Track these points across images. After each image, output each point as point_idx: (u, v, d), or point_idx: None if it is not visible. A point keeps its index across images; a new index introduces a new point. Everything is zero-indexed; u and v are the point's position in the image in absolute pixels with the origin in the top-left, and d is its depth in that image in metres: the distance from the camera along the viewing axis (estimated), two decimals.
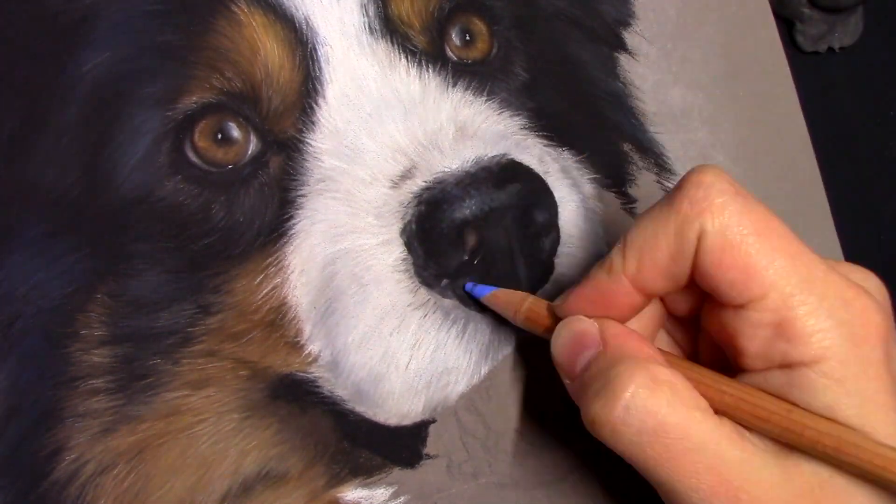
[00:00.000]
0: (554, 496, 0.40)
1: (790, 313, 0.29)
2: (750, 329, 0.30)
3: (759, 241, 0.30)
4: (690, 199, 0.30)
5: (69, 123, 0.35)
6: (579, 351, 0.32)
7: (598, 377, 0.31)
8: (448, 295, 0.36)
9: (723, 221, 0.30)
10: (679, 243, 0.30)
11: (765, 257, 0.29)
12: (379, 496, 0.38)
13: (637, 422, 0.29)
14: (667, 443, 0.29)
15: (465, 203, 0.34)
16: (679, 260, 0.31)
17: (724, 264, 0.30)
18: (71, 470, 0.35)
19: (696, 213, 0.30)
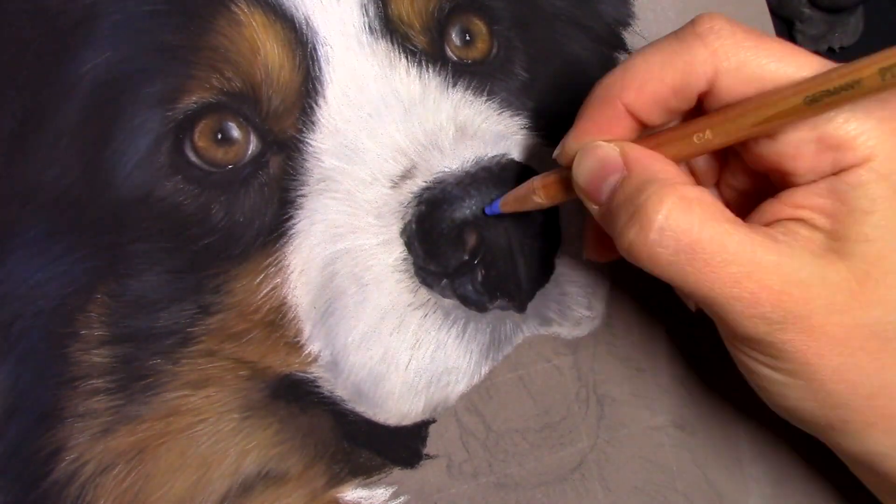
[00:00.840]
0: (554, 496, 0.40)
1: (830, 123, 0.30)
2: (793, 149, 0.31)
3: (779, 64, 0.30)
4: (702, 38, 0.31)
5: (69, 123, 0.35)
6: (603, 177, 0.32)
7: (627, 203, 0.31)
8: (448, 295, 0.36)
9: (739, 59, 0.30)
10: (685, 80, 0.31)
11: (788, 78, 0.30)
12: (379, 496, 0.38)
13: (673, 242, 0.29)
14: (704, 257, 0.29)
15: (465, 203, 0.34)
16: (681, 96, 0.32)
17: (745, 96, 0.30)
18: (71, 470, 0.35)
19: (709, 52, 0.31)
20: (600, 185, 0.32)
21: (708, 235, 0.29)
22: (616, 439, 0.41)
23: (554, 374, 0.40)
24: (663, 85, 0.32)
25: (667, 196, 0.30)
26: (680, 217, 0.29)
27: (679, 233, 0.29)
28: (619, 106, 0.33)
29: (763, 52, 0.30)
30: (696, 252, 0.29)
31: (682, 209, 0.29)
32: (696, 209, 0.30)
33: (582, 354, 0.41)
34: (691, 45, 0.31)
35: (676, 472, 0.42)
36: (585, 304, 0.40)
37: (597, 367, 0.41)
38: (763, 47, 0.31)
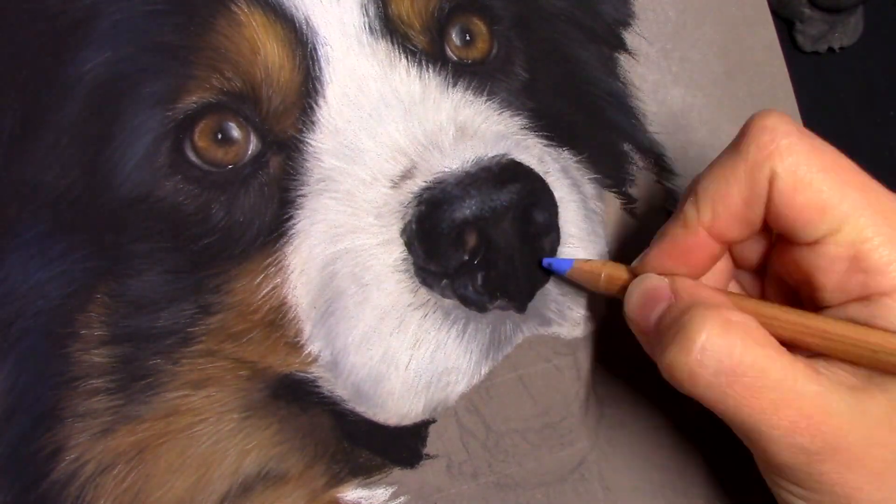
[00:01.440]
0: (554, 496, 0.40)
1: (865, 245, 0.30)
2: (826, 263, 0.31)
3: (829, 176, 0.30)
4: (758, 143, 0.31)
5: (69, 123, 0.35)
6: (652, 306, 0.33)
7: (671, 326, 0.31)
8: (448, 295, 0.36)
9: (792, 161, 0.30)
10: (751, 188, 0.31)
11: (837, 192, 0.30)
12: (379, 496, 0.38)
13: (714, 363, 0.29)
14: (745, 382, 0.29)
15: (465, 203, 0.34)
16: (753, 204, 0.32)
17: (798, 203, 0.30)
18: (71, 470, 0.35)
19: (764, 156, 0.31)
20: (649, 313, 0.33)
21: (750, 360, 0.29)
22: (616, 439, 0.41)
23: (554, 374, 0.40)
24: (734, 200, 0.32)
25: (710, 318, 0.30)
26: (722, 339, 0.30)
27: (721, 355, 0.29)
28: (701, 231, 0.33)
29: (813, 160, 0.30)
30: (736, 375, 0.29)
31: (725, 331, 0.30)
32: (739, 332, 0.30)
33: (582, 354, 0.41)
34: (748, 150, 0.31)
35: (676, 472, 0.42)
36: (585, 304, 0.40)
37: (597, 368, 0.41)
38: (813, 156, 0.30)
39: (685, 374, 0.30)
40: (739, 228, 0.33)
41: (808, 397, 0.29)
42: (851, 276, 0.30)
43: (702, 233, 0.33)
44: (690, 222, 0.33)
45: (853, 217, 0.30)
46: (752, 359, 0.29)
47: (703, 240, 0.33)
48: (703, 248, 0.33)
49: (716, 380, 0.30)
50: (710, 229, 0.33)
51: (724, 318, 0.30)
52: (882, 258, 0.30)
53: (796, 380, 0.29)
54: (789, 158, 0.30)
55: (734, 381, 0.29)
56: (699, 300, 0.31)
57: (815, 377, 0.30)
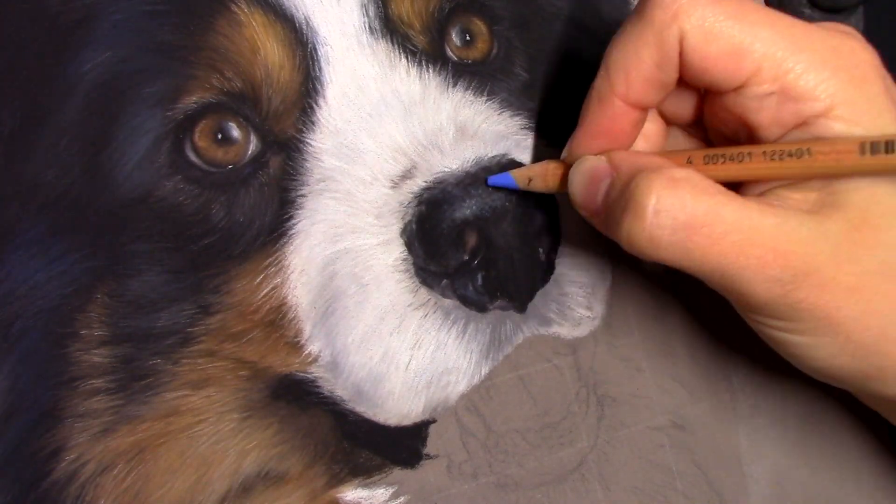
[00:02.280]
0: (554, 496, 0.40)
1: (789, 76, 0.30)
2: (756, 104, 0.31)
3: (737, 22, 0.31)
4: (661, 5, 0.31)
5: (69, 123, 0.35)
6: (596, 185, 0.33)
7: (619, 199, 0.31)
8: (448, 295, 0.36)
9: (698, 15, 0.31)
10: (661, 49, 0.32)
11: (748, 34, 0.31)
12: (379, 496, 0.38)
13: (669, 221, 0.30)
14: (703, 231, 0.29)
15: (465, 203, 0.34)
16: (664, 65, 0.32)
17: (712, 54, 0.31)
18: (71, 470, 0.35)
19: (670, 16, 0.31)
20: (594, 193, 0.33)
21: (703, 209, 0.30)
22: (616, 439, 0.41)
23: (554, 374, 0.40)
24: (645, 65, 0.32)
25: (654, 180, 0.30)
26: (672, 197, 0.30)
27: (674, 212, 0.30)
28: (616, 102, 0.33)
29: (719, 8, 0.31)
30: (694, 227, 0.30)
31: (672, 188, 0.30)
32: (686, 187, 0.30)
33: (582, 354, 0.41)
34: (654, 12, 0.31)
35: (676, 472, 0.42)
36: (585, 304, 0.40)
37: (597, 367, 0.41)
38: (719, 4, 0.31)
39: (645, 239, 0.30)
40: (654, 91, 0.33)
41: (769, 230, 0.30)
42: (783, 107, 0.31)
43: (618, 103, 0.33)
44: (604, 95, 0.33)
45: (770, 53, 0.30)
46: (705, 208, 0.29)
47: (621, 110, 0.33)
48: (622, 118, 0.33)
49: (675, 237, 0.30)
50: (625, 98, 0.33)
51: (668, 176, 0.30)
52: (809, 83, 0.30)
53: (752, 217, 0.30)
54: (695, 13, 0.31)
55: (693, 234, 0.30)
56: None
57: (771, 210, 0.30)
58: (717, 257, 0.30)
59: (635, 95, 0.33)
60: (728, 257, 0.30)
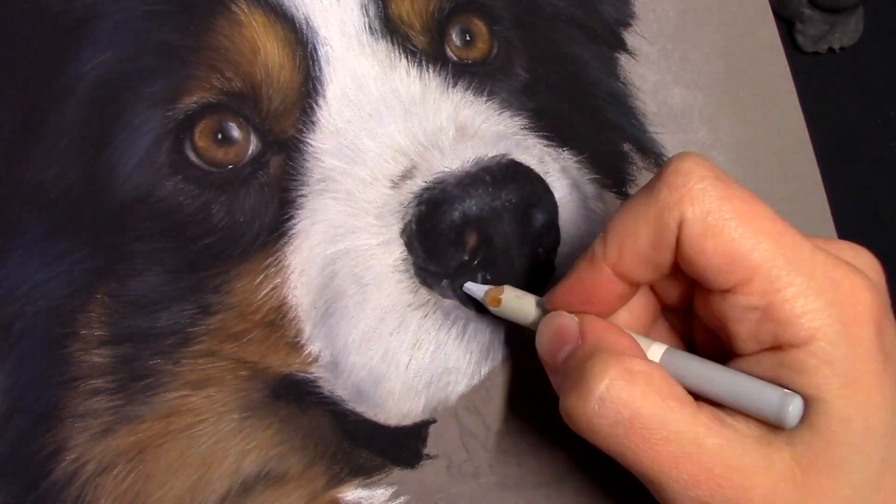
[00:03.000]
0: (554, 496, 0.40)
1: (777, 296, 0.29)
2: (738, 313, 0.30)
3: (741, 224, 0.29)
4: (669, 186, 0.30)
5: (69, 123, 0.35)
6: (560, 345, 0.32)
7: (574, 370, 0.31)
8: (448, 295, 0.36)
9: (703, 208, 0.29)
10: (659, 231, 0.30)
11: (748, 240, 0.29)
12: (379, 496, 0.38)
13: (612, 413, 0.29)
14: (643, 434, 0.29)
15: (465, 203, 0.34)
16: (660, 248, 0.30)
17: (707, 250, 0.29)
18: (71, 470, 0.35)
19: (675, 200, 0.30)
20: (557, 352, 0.32)
21: (649, 411, 0.29)
22: None
23: None
24: (641, 241, 0.31)
25: (611, 366, 0.29)
26: (622, 389, 0.29)
27: (619, 405, 0.29)
28: (605, 269, 0.32)
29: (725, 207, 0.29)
30: (634, 427, 0.29)
31: (626, 381, 0.29)
32: (640, 383, 0.29)
33: None
34: (660, 192, 0.30)
35: None
36: None
37: None
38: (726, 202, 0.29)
39: (584, 423, 0.30)
40: (645, 270, 0.32)
41: (710, 451, 0.29)
42: (763, 325, 0.29)
43: (607, 271, 0.32)
44: (596, 260, 0.32)
45: (765, 267, 0.29)
46: (652, 411, 0.29)
47: (609, 279, 0.32)
48: (608, 287, 0.32)
49: (613, 431, 0.29)
50: (615, 268, 0.32)
51: (625, 366, 0.29)
52: (794, 309, 0.29)
53: (697, 433, 0.29)
54: (700, 204, 0.29)
55: (632, 433, 0.29)
56: (603, 346, 0.31)
57: (719, 430, 0.29)
58: (650, 462, 0.29)
59: (625, 269, 0.31)
60: (661, 465, 0.29)
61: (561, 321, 0.33)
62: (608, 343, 0.31)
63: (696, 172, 0.30)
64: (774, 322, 0.29)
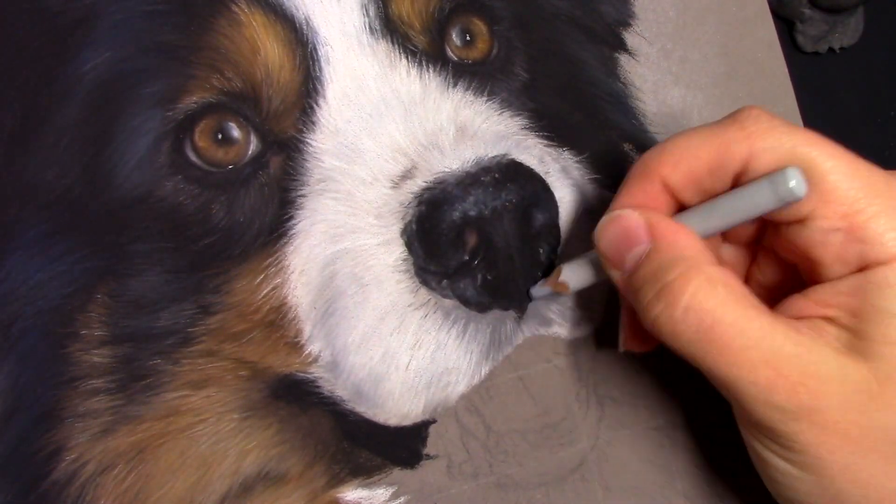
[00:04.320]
0: (554, 496, 0.40)
1: (859, 217, 0.30)
2: (821, 236, 0.31)
3: (814, 149, 0.30)
4: (739, 122, 0.31)
5: (69, 123, 0.35)
6: (629, 246, 0.33)
7: (653, 279, 0.31)
8: (448, 295, 0.36)
9: (772, 141, 0.31)
10: (720, 158, 0.31)
11: (823, 163, 0.30)
12: (379, 496, 0.38)
13: (696, 322, 0.30)
14: (724, 340, 0.30)
15: (465, 203, 0.34)
16: (716, 175, 0.32)
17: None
18: (71, 470, 0.35)
19: (744, 135, 0.31)
20: (624, 253, 0.33)
21: (730, 318, 0.30)
22: (616, 440, 0.41)
23: (554, 374, 0.40)
24: (699, 162, 0.32)
25: (694, 276, 0.30)
26: (704, 298, 0.30)
27: (702, 314, 0.30)
28: (657, 181, 0.33)
29: (796, 137, 0.31)
30: (716, 333, 0.30)
31: (707, 290, 0.30)
32: (721, 291, 0.30)
33: (582, 355, 0.41)
34: (728, 127, 0.32)
35: (676, 472, 0.42)
36: (585, 304, 0.40)
37: (597, 368, 0.41)
38: (796, 133, 0.31)
39: (668, 330, 0.30)
40: (693, 192, 0.33)
41: (787, 357, 0.29)
42: (848, 246, 0.30)
43: (657, 184, 0.33)
44: (649, 171, 0.33)
45: (842, 189, 0.30)
46: (733, 318, 0.30)
47: (658, 191, 0.33)
48: (658, 200, 0.33)
49: (697, 336, 0.30)
50: (664, 181, 0.33)
51: (707, 275, 0.30)
52: (878, 227, 0.30)
53: (775, 339, 0.30)
54: (769, 139, 0.31)
55: (714, 340, 0.30)
56: (680, 253, 0.31)
57: (796, 337, 0.30)
58: (729, 367, 0.30)
59: (675, 183, 0.33)
60: (740, 370, 0.30)
61: (627, 220, 0.33)
62: (685, 249, 0.32)
63: (765, 115, 0.31)
64: (859, 241, 0.30)
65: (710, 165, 0.32)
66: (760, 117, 0.31)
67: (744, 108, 0.32)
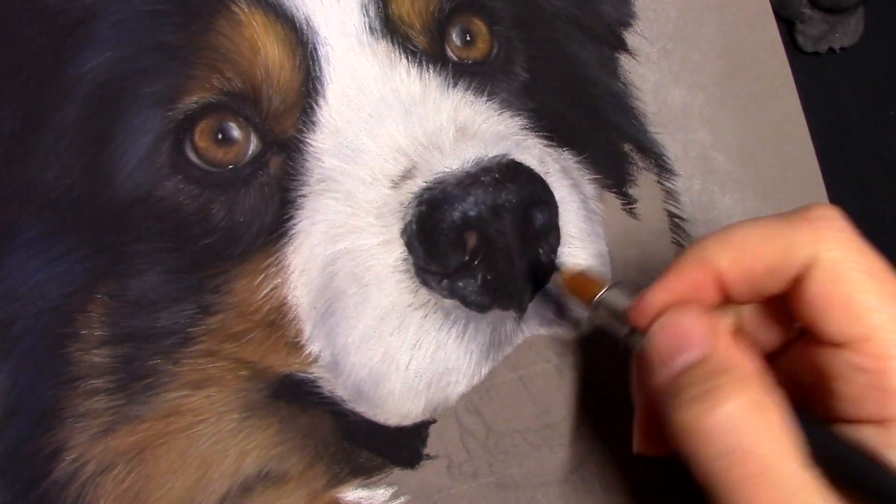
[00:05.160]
0: (554, 496, 0.40)
1: (892, 363, 0.28)
2: (848, 371, 0.29)
3: (873, 281, 0.29)
4: (812, 222, 0.29)
5: (69, 123, 0.35)
6: (682, 349, 0.30)
7: (697, 383, 0.29)
8: (448, 295, 0.36)
9: (840, 254, 0.29)
10: (784, 259, 0.29)
11: (876, 299, 0.28)
12: (379, 496, 0.38)
13: (731, 439, 0.27)
14: (752, 472, 0.27)
15: (465, 203, 0.34)
16: (775, 276, 0.30)
17: (833, 296, 0.29)
18: (71, 470, 0.35)
19: (813, 238, 0.29)
20: (676, 356, 0.30)
21: (767, 451, 0.27)
22: (616, 440, 0.41)
23: (554, 374, 0.40)
24: (759, 260, 0.30)
25: (745, 390, 0.28)
26: (747, 418, 0.27)
27: (739, 433, 0.27)
28: (711, 272, 0.31)
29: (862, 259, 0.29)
30: (746, 462, 0.27)
31: (753, 411, 0.27)
32: (768, 417, 0.27)
33: (582, 355, 0.41)
34: (798, 225, 0.29)
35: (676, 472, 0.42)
36: None
37: (597, 368, 0.41)
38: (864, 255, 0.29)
39: (693, 439, 0.28)
40: (747, 290, 0.31)
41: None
42: (871, 392, 0.28)
43: (710, 275, 0.31)
44: (706, 259, 0.31)
45: (886, 329, 0.28)
46: (770, 451, 0.27)
47: (706, 283, 0.31)
48: (703, 291, 0.31)
49: (723, 457, 0.27)
50: (718, 275, 0.31)
51: (757, 394, 0.28)
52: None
53: (804, 489, 0.27)
54: (838, 250, 0.29)
55: (740, 466, 0.27)
56: (737, 364, 0.29)
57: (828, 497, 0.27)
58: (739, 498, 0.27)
59: (730, 278, 0.30)
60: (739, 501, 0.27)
61: (687, 323, 0.30)
62: (742, 362, 0.29)
63: (839, 221, 0.29)
64: (883, 391, 0.28)
65: (770, 266, 0.30)
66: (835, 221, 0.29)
67: (817, 204, 0.30)
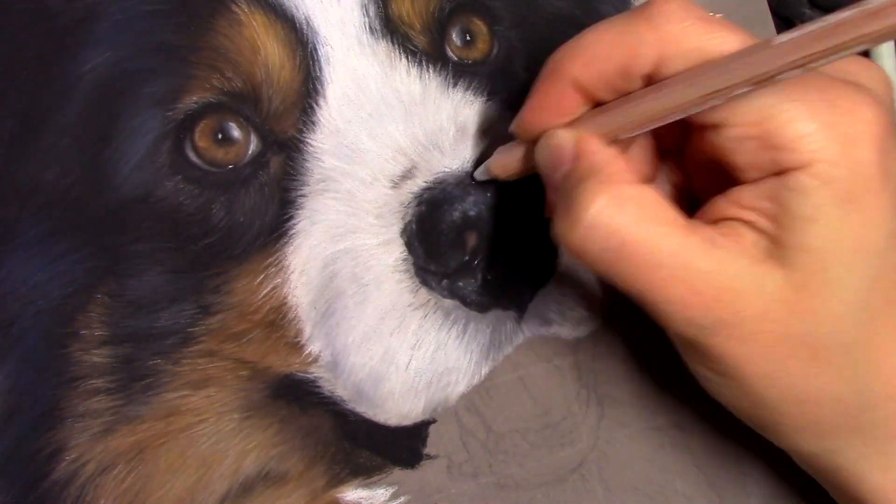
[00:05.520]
0: (554, 496, 0.40)
1: (771, 122, 0.29)
2: (735, 144, 0.30)
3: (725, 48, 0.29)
4: (651, 20, 0.30)
5: (69, 123, 0.35)
6: (556, 165, 0.32)
7: (566, 195, 0.30)
8: (448, 295, 0.36)
9: (684, 46, 0.29)
10: (630, 61, 0.30)
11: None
12: (379, 496, 0.38)
13: (601, 240, 0.29)
14: (634, 259, 0.29)
15: (465, 203, 0.34)
16: (627, 77, 0.31)
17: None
18: (71, 470, 0.35)
19: (654, 38, 0.30)
20: (553, 172, 0.32)
21: (639, 237, 0.29)
22: (616, 440, 0.41)
23: (554, 374, 0.40)
24: (609, 63, 0.31)
25: (601, 193, 0.29)
26: (611, 216, 0.29)
27: (607, 232, 0.29)
28: (568, 80, 0.32)
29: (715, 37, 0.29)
30: (623, 252, 0.29)
31: (615, 208, 0.29)
32: (630, 209, 0.29)
33: (582, 354, 0.41)
34: (639, 26, 0.30)
35: (676, 472, 0.42)
36: (585, 304, 0.40)
37: (597, 367, 0.41)
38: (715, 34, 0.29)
39: (574, 247, 0.29)
40: (606, 92, 0.32)
41: (700, 274, 0.29)
42: (761, 153, 0.29)
43: (568, 82, 0.32)
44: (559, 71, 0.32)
45: (754, 94, 0.29)
46: (642, 237, 0.29)
47: (569, 92, 0.32)
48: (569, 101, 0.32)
49: (603, 256, 0.29)
50: (575, 82, 0.32)
51: (615, 192, 0.29)
52: (790, 134, 0.28)
53: (688, 255, 0.29)
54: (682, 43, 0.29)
55: (623, 259, 0.29)
56: (593, 169, 0.30)
57: (711, 252, 0.29)
58: (641, 286, 0.29)
59: (586, 83, 0.31)
60: (653, 289, 0.29)
61: (556, 140, 0.32)
62: (599, 166, 0.30)
63: (677, 13, 0.30)
64: (773, 148, 0.29)
65: (620, 66, 0.31)
66: (674, 15, 0.30)
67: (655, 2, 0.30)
